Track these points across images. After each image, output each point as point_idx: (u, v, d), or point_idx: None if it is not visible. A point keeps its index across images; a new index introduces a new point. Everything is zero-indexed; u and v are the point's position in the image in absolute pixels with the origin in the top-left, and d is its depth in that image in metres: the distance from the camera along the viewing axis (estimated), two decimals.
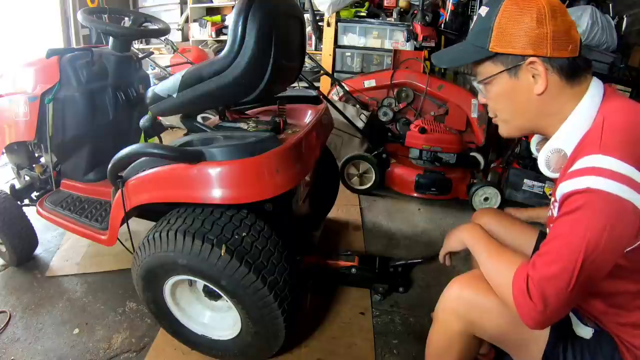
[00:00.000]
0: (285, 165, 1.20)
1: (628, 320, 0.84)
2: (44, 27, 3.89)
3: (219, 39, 4.63)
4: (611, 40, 3.14)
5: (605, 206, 0.69)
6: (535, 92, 0.81)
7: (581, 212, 0.70)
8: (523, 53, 0.79)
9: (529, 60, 0.79)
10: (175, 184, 1.18)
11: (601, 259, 0.70)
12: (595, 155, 0.71)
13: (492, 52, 0.82)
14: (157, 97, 1.36)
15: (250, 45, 1.18)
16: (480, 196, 2.47)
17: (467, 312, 0.91)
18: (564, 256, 0.71)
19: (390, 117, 3.01)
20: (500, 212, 1.27)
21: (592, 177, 0.70)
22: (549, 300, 0.72)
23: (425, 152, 2.53)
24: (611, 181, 0.68)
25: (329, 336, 1.51)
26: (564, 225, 0.73)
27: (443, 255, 1.13)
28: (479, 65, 0.87)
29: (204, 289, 1.37)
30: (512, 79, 0.82)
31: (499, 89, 0.85)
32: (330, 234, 2.17)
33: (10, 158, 1.91)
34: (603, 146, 0.71)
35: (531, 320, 0.74)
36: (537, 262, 0.75)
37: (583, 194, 0.70)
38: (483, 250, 0.91)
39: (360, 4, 3.71)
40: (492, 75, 0.84)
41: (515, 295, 0.76)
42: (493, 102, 0.89)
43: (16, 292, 1.70)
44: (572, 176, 0.73)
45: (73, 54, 1.70)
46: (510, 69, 0.81)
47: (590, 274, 0.71)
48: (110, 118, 1.79)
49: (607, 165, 0.69)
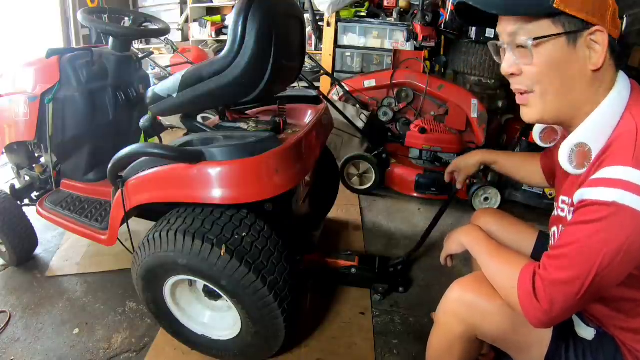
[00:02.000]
0: (285, 165, 1.20)
1: (630, 325, 0.83)
2: (44, 27, 3.89)
3: (219, 39, 4.62)
4: None
5: (629, 223, 0.66)
6: (592, 66, 0.72)
7: (603, 224, 0.67)
8: (588, 19, 0.70)
9: (595, 29, 0.70)
10: (175, 184, 1.18)
11: (615, 272, 0.69)
12: (627, 167, 0.66)
13: (556, 8, 0.70)
14: (157, 97, 1.36)
15: (250, 45, 1.18)
16: (480, 196, 2.47)
17: (468, 315, 0.90)
18: (578, 265, 0.69)
19: (390, 117, 3.00)
20: (499, 212, 1.26)
21: (620, 190, 0.66)
22: (556, 303, 0.71)
23: (425, 152, 2.53)
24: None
25: (329, 336, 1.51)
26: (581, 232, 0.70)
27: (444, 258, 1.12)
28: (531, 21, 0.73)
29: (204, 289, 1.37)
30: (570, 46, 0.72)
31: (552, 55, 0.73)
32: (330, 234, 2.17)
33: (10, 158, 1.91)
34: (637, 159, 0.67)
35: (536, 320, 0.74)
36: (548, 264, 0.73)
37: (608, 206, 0.66)
38: (484, 252, 0.90)
39: (360, 4, 3.71)
40: (551, 35, 0.72)
41: (520, 295, 0.75)
42: (537, 71, 0.75)
43: (16, 292, 1.70)
44: (597, 184, 0.69)
45: (73, 54, 1.70)
46: (571, 33, 0.71)
47: (601, 284, 0.70)
48: (110, 118, 1.79)
49: (637, 181, 0.65)
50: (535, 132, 1.01)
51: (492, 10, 0.74)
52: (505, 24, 0.77)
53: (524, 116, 0.83)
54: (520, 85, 0.79)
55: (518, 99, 0.82)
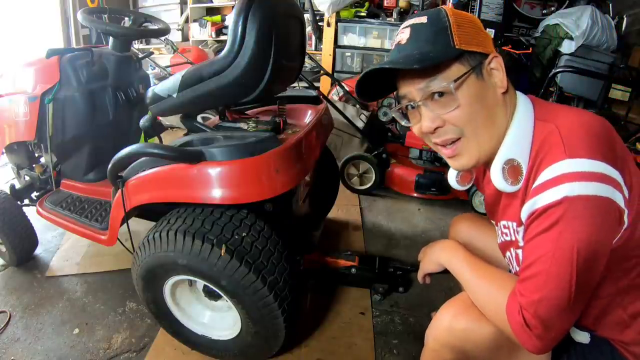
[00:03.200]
0: (285, 165, 1.20)
1: (614, 321, 0.81)
2: (44, 27, 3.89)
3: (219, 39, 4.63)
4: (611, 40, 3.14)
5: (587, 211, 0.65)
6: (500, 89, 0.77)
7: (562, 224, 0.66)
8: (484, 51, 0.76)
9: (492, 56, 0.76)
10: (175, 184, 1.18)
11: (595, 263, 0.68)
12: (563, 160, 0.67)
13: (459, 49, 0.74)
14: (157, 97, 1.36)
15: (250, 45, 1.18)
16: (480, 196, 2.47)
17: (460, 344, 0.85)
18: (555, 275, 0.67)
19: (390, 117, 3.00)
20: (480, 217, 1.19)
21: (566, 184, 0.65)
22: (550, 323, 0.69)
23: (425, 152, 2.53)
24: (587, 183, 0.65)
25: (329, 336, 1.51)
26: (545, 243, 0.68)
27: (421, 277, 1.06)
28: (442, 70, 0.75)
29: (204, 289, 1.37)
30: (479, 79, 0.76)
31: (471, 92, 0.76)
32: (330, 234, 2.17)
33: (10, 158, 1.91)
34: (568, 149, 0.67)
35: (534, 348, 0.71)
36: (524, 291, 0.71)
37: (560, 205, 0.66)
38: (466, 273, 0.86)
39: (360, 4, 3.72)
40: (464, 75, 0.75)
41: (513, 328, 0.72)
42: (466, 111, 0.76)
43: (16, 292, 1.70)
44: (541, 190, 0.68)
45: (73, 54, 1.70)
46: (476, 67, 0.75)
47: (587, 281, 0.68)
48: (110, 118, 1.79)
49: (579, 168, 0.65)
50: (451, 178, 0.98)
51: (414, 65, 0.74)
52: (410, 83, 0.79)
53: (458, 167, 0.83)
54: (447, 135, 0.79)
55: (446, 152, 0.82)
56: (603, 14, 3.13)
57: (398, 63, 0.76)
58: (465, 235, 1.14)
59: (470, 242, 1.10)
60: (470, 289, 0.84)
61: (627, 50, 3.35)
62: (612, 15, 3.22)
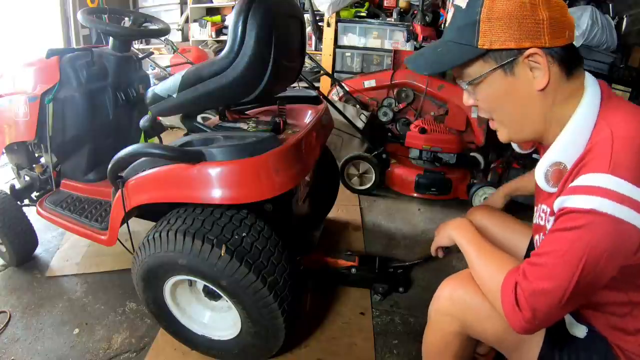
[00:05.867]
0: (285, 165, 1.20)
1: (618, 325, 0.83)
2: (44, 27, 3.89)
3: (219, 39, 4.63)
4: (611, 40, 3.14)
5: (608, 230, 0.65)
6: (536, 87, 0.73)
7: (582, 232, 0.67)
8: (518, 46, 0.70)
9: (528, 52, 0.70)
10: (175, 184, 1.18)
11: (596, 279, 0.69)
12: (604, 174, 0.66)
13: (482, 49, 0.72)
14: (157, 97, 1.36)
15: (250, 45, 1.18)
16: (480, 196, 2.47)
17: (461, 313, 0.89)
18: (559, 274, 0.68)
19: (390, 117, 3.00)
20: (494, 209, 1.25)
21: (598, 198, 0.65)
22: (538, 312, 0.71)
23: (425, 152, 2.53)
24: (619, 205, 0.64)
25: (329, 336, 1.50)
26: (561, 241, 0.69)
27: (434, 249, 1.12)
28: (466, 66, 0.77)
29: (204, 289, 1.37)
30: (508, 76, 0.74)
31: (492, 90, 0.76)
32: (330, 234, 2.17)
33: (10, 158, 1.91)
34: (613, 166, 0.66)
35: (520, 329, 0.74)
36: (528, 274, 0.72)
37: (586, 214, 0.66)
38: (472, 250, 0.89)
39: (360, 4, 3.72)
40: (483, 75, 0.75)
41: (503, 302, 0.75)
42: (486, 104, 0.80)
43: (16, 292, 1.70)
44: (575, 192, 0.68)
45: (73, 54, 1.70)
46: (505, 64, 0.72)
47: (583, 291, 0.69)
48: (110, 118, 1.79)
49: (615, 188, 0.64)
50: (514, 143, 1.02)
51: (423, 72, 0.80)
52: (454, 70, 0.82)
53: (499, 138, 0.86)
54: (481, 112, 0.84)
55: (490, 123, 0.86)
56: (603, 14, 3.12)
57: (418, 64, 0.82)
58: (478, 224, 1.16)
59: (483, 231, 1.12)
60: (473, 264, 0.87)
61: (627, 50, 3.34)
62: (612, 15, 3.22)
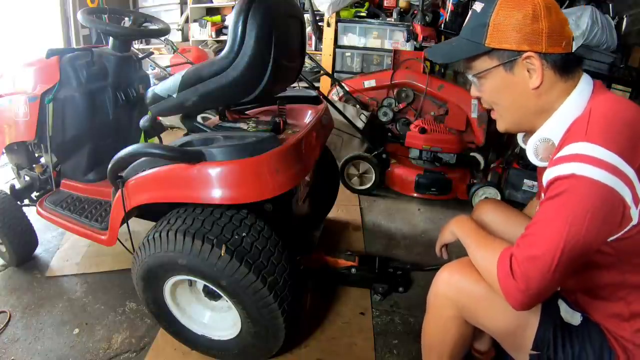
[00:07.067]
0: (285, 165, 1.20)
1: (613, 311, 0.86)
2: (44, 27, 3.89)
3: (219, 39, 4.62)
4: (611, 40, 3.14)
5: (588, 192, 0.71)
6: (531, 86, 0.83)
7: (565, 196, 0.73)
8: (519, 49, 0.81)
9: (525, 55, 0.81)
10: (175, 184, 1.18)
11: (583, 244, 0.72)
12: (581, 142, 0.73)
13: (488, 47, 0.84)
14: (157, 97, 1.36)
15: (250, 45, 1.18)
16: (480, 196, 2.47)
17: (457, 297, 0.93)
18: (547, 239, 0.73)
19: (390, 117, 3.00)
20: (500, 203, 1.29)
21: (576, 163, 0.72)
22: (531, 280, 0.74)
23: (425, 152, 2.53)
24: (595, 168, 0.70)
25: (329, 336, 1.51)
26: (548, 209, 0.76)
27: (439, 248, 1.16)
28: (474, 60, 0.88)
29: (204, 289, 1.37)
30: (508, 73, 0.84)
31: (494, 83, 0.88)
32: (330, 234, 2.17)
33: (10, 158, 1.91)
34: (589, 134, 0.74)
35: (514, 300, 0.77)
36: (521, 243, 0.78)
37: (567, 179, 0.73)
38: (472, 241, 0.94)
39: (360, 4, 3.71)
40: (487, 69, 0.86)
41: (499, 275, 0.79)
42: (488, 96, 0.91)
43: (16, 292, 1.70)
44: (557, 162, 0.76)
45: (73, 54, 1.70)
46: (506, 63, 0.84)
47: (572, 257, 0.73)
48: (110, 118, 1.79)
49: (591, 153, 0.71)
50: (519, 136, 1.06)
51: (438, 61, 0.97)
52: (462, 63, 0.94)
53: (497, 127, 0.96)
54: (484, 104, 0.96)
55: (492, 113, 0.96)
56: (603, 14, 3.12)
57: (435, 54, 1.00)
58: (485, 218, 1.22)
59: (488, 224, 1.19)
60: (472, 252, 0.92)
61: (627, 50, 3.35)
62: (612, 15, 3.21)
